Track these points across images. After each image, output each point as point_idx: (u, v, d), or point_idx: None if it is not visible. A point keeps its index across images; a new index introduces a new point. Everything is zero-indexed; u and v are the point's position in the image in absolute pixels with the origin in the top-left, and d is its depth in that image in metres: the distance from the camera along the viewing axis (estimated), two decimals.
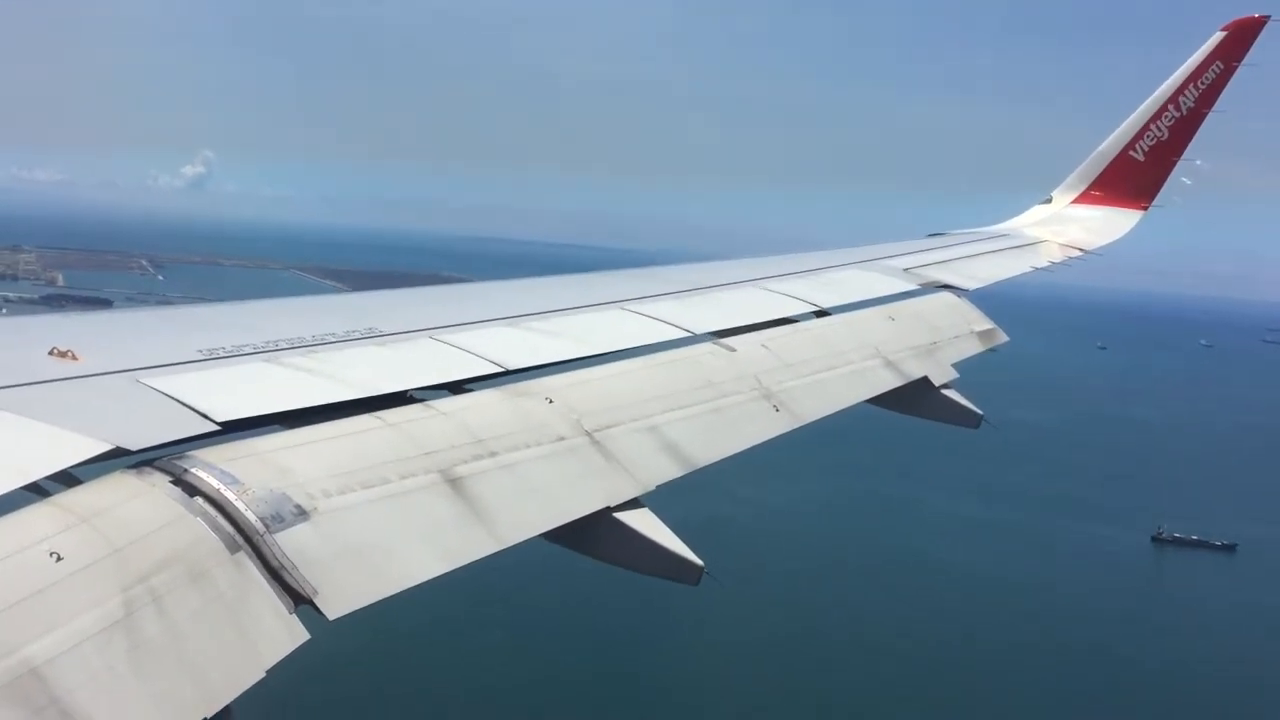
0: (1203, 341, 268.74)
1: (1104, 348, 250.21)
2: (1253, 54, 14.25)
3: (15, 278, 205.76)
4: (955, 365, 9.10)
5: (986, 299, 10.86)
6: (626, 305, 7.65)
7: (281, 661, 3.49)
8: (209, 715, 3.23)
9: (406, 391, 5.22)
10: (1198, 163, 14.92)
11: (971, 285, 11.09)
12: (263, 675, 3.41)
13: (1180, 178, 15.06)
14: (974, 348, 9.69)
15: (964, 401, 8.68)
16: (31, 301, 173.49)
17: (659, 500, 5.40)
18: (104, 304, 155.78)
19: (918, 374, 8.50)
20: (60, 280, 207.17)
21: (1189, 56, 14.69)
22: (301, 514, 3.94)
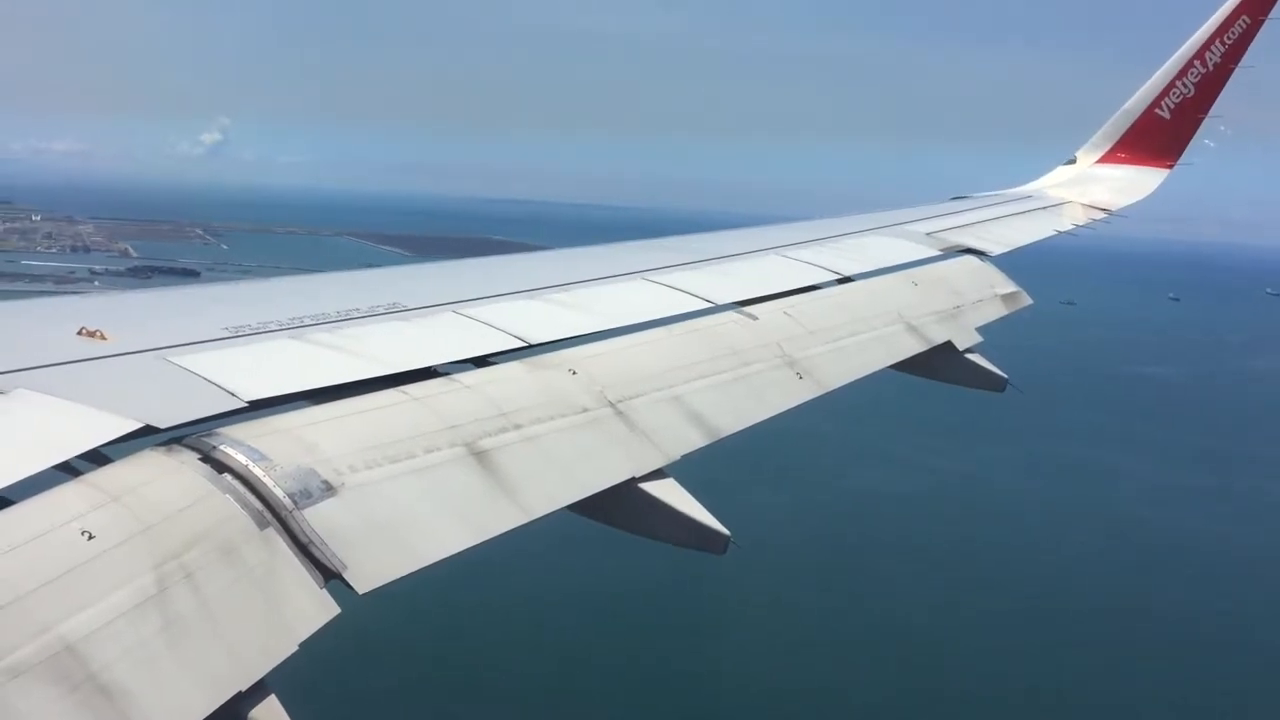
0: (1269, 290, 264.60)
1: (1177, 299, 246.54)
2: (1279, 8, 14.01)
3: (87, 249, 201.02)
4: (979, 329, 9.06)
5: (1013, 260, 10.78)
6: (648, 276, 7.64)
7: (313, 635, 3.53)
8: (244, 689, 3.27)
9: (431, 366, 5.24)
10: (1221, 129, 14.73)
11: (995, 249, 11.02)
12: (295, 649, 3.45)
13: (1204, 140, 14.87)
14: (998, 311, 9.65)
15: (988, 365, 8.66)
16: (119, 274, 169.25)
17: (688, 470, 5.41)
18: (191, 274, 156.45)
19: (941, 339, 8.47)
20: (131, 252, 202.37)
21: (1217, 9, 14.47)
22: (329, 489, 3.97)
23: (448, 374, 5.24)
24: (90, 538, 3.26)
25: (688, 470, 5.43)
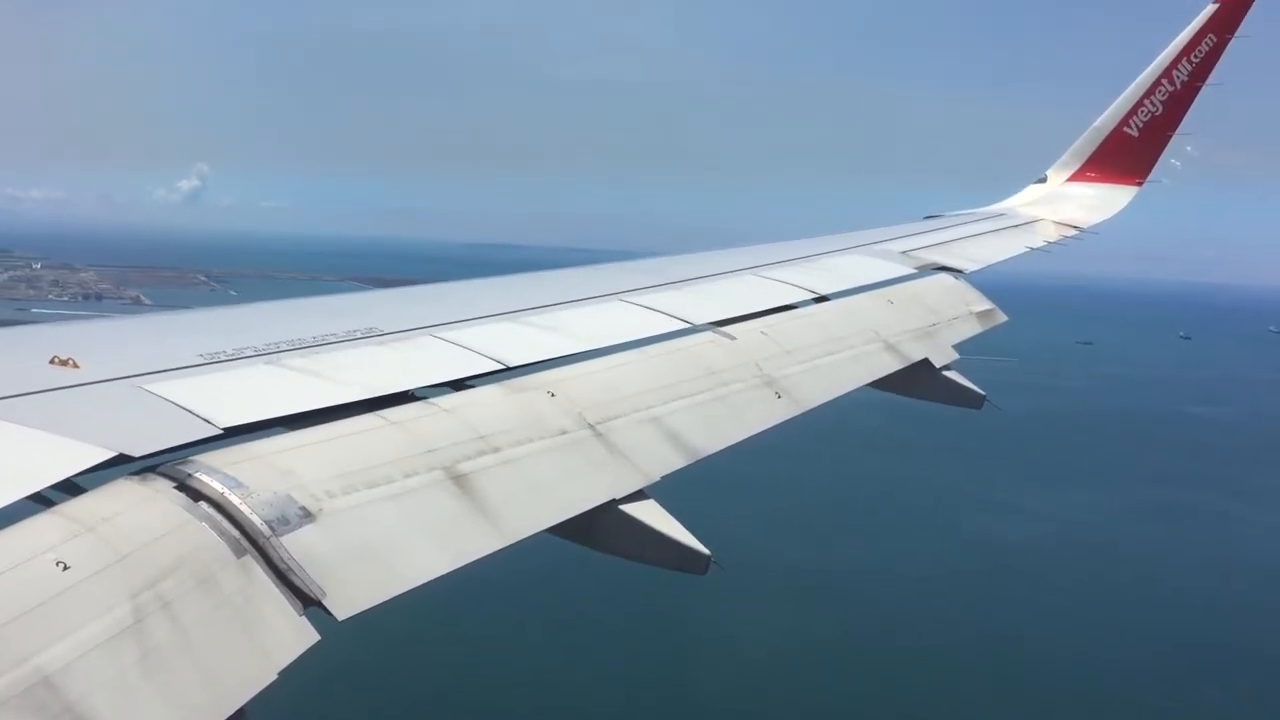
0: (1271, 328, 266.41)
1: (1187, 337, 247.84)
2: (1245, 26, 14.22)
3: (99, 297, 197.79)
4: (955, 346, 9.11)
5: (1009, 291, 10.82)
6: (625, 297, 7.65)
7: (293, 663, 3.49)
8: (223, 718, 3.24)
9: (409, 390, 5.22)
10: (1188, 149, 14.91)
11: (969, 267, 11.10)
12: (275, 677, 3.42)
13: (1170, 159, 15.05)
14: (973, 329, 9.71)
15: (965, 382, 8.70)
16: None
17: (667, 491, 5.41)
18: None
19: (918, 356, 8.51)
20: (144, 299, 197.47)
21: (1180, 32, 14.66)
22: (307, 516, 3.94)
23: (425, 398, 5.22)
24: (65, 568, 3.22)
25: (668, 490, 5.43)
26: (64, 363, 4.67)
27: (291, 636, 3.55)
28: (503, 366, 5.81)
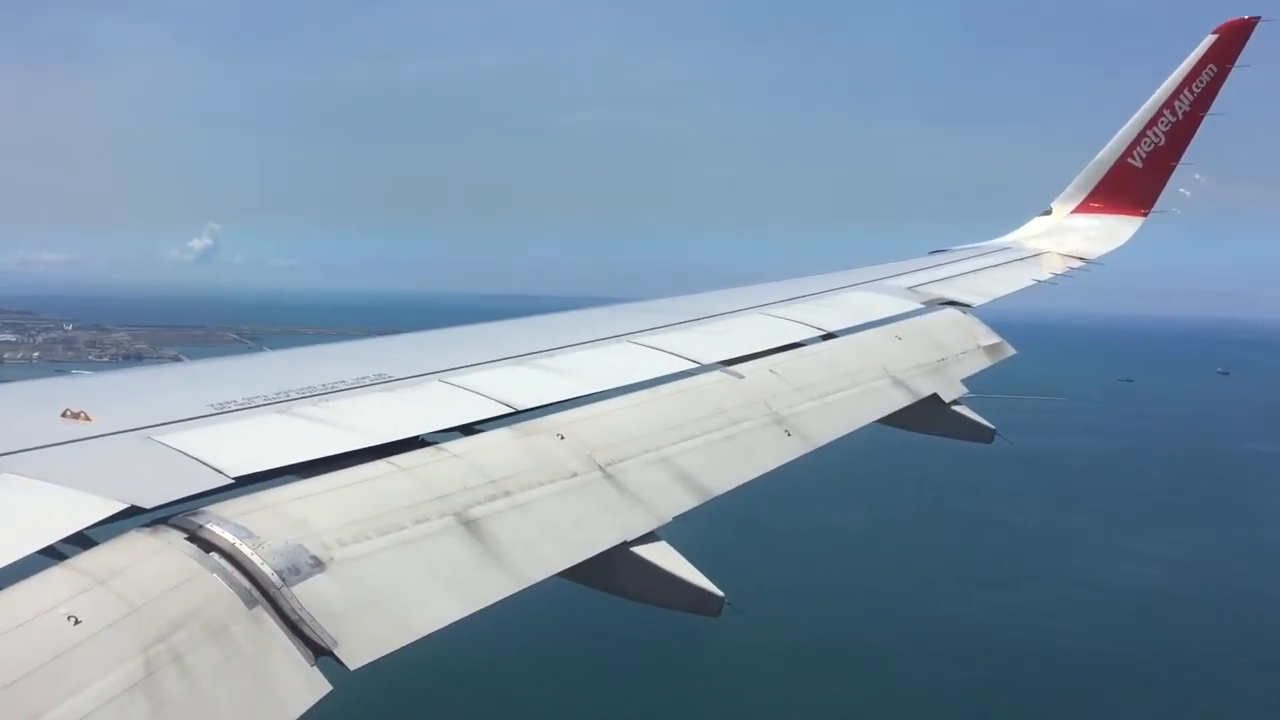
0: None
1: (1226, 373, 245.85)
2: (1245, 56, 14.28)
3: (139, 357, 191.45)
4: (964, 381, 9.09)
5: (1027, 329, 10.73)
6: (633, 338, 7.66)
7: (305, 715, 3.47)
8: None
9: (419, 436, 5.22)
10: (1196, 176, 14.93)
11: (976, 301, 11.09)
12: None
13: (1179, 189, 15.06)
14: (981, 363, 9.69)
15: (975, 417, 8.67)
16: None
17: (679, 531, 5.39)
18: None
19: (927, 391, 8.49)
20: (184, 359, 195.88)
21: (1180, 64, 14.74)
22: (318, 565, 3.93)
23: (435, 443, 5.21)
24: (76, 622, 3.21)
25: (681, 531, 5.41)
26: (75, 415, 4.69)
27: (303, 687, 3.53)
28: (512, 410, 5.81)
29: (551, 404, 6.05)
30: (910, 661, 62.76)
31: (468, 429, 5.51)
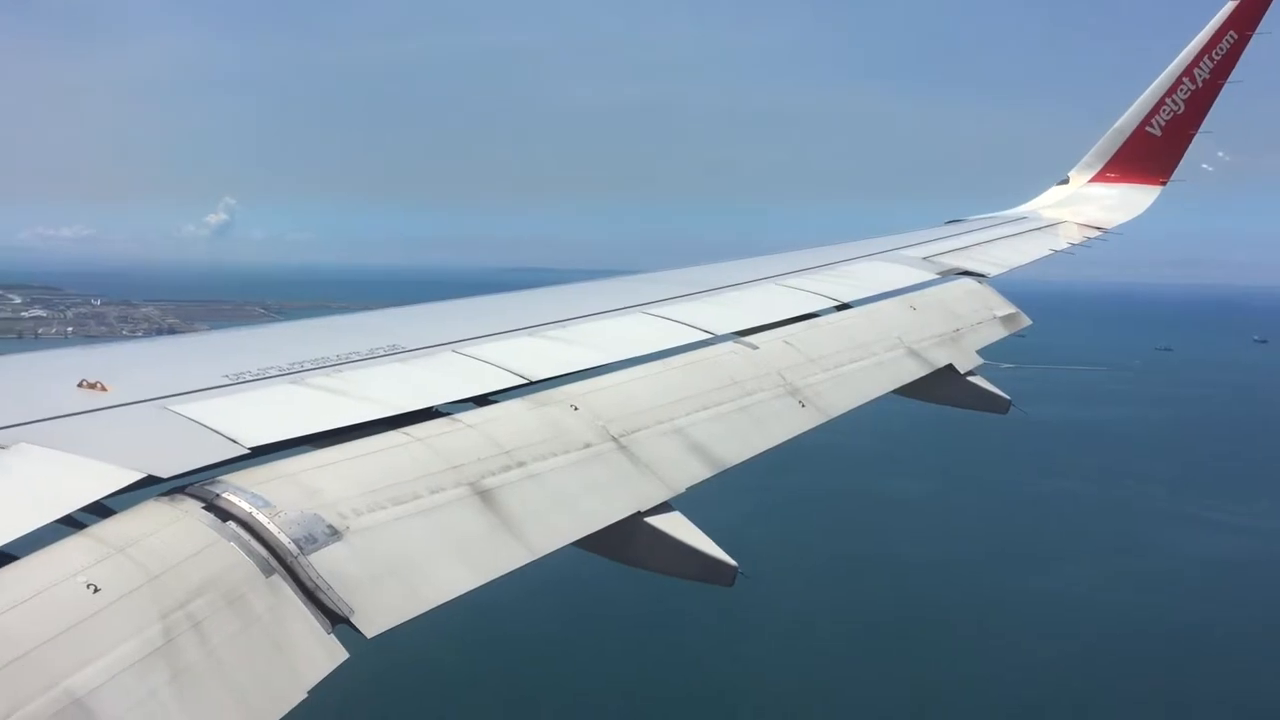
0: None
1: (1264, 340, 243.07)
2: (1265, 23, 14.12)
3: (172, 331, 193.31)
4: (984, 350, 9.06)
5: (1052, 298, 10.67)
6: (646, 309, 7.65)
7: (322, 681, 3.50)
8: None
9: (432, 407, 5.23)
10: (1220, 154, 14.79)
11: (992, 271, 11.04)
12: (305, 696, 3.43)
13: (1200, 163, 14.92)
14: (997, 333, 9.65)
15: (990, 387, 8.64)
16: None
17: (692, 502, 5.40)
18: None
19: (942, 362, 8.47)
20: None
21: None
22: (334, 534, 3.96)
23: (449, 414, 5.23)
24: (96, 590, 3.24)
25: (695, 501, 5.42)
26: (92, 386, 4.72)
27: (321, 654, 3.56)
28: (525, 380, 5.82)
29: (565, 374, 6.05)
30: (999, 635, 62.34)
31: (481, 399, 5.52)
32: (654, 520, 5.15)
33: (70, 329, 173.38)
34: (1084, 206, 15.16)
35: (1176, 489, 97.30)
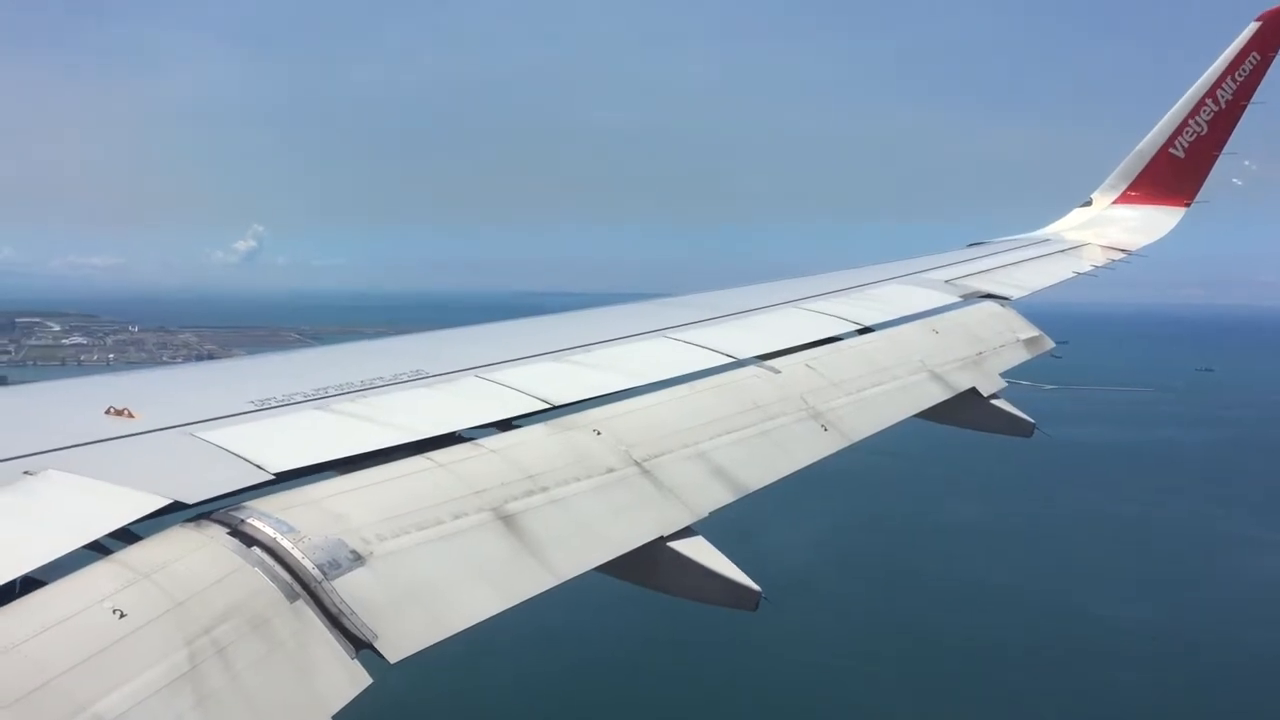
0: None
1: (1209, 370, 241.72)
2: None
3: (211, 357, 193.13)
4: (1003, 374, 9.01)
5: (1080, 320, 10.58)
6: (668, 333, 7.65)
7: (346, 706, 3.51)
8: None
9: (456, 432, 5.25)
10: (1246, 163, 14.69)
11: (1015, 294, 10.99)
12: None
13: (1232, 179, 14.82)
14: (1020, 356, 9.59)
15: (1014, 411, 8.59)
16: None
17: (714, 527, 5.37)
18: None
19: (965, 385, 8.42)
20: None
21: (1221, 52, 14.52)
22: (358, 559, 3.97)
23: (472, 439, 5.24)
24: (122, 616, 3.26)
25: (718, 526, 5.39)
26: (120, 413, 4.76)
27: (344, 680, 3.56)
28: (548, 406, 5.83)
29: (588, 399, 6.06)
30: (1083, 664, 60.97)
31: (504, 424, 5.53)
32: (677, 545, 5.14)
33: (112, 355, 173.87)
34: (1108, 228, 15.08)
35: (1233, 510, 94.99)
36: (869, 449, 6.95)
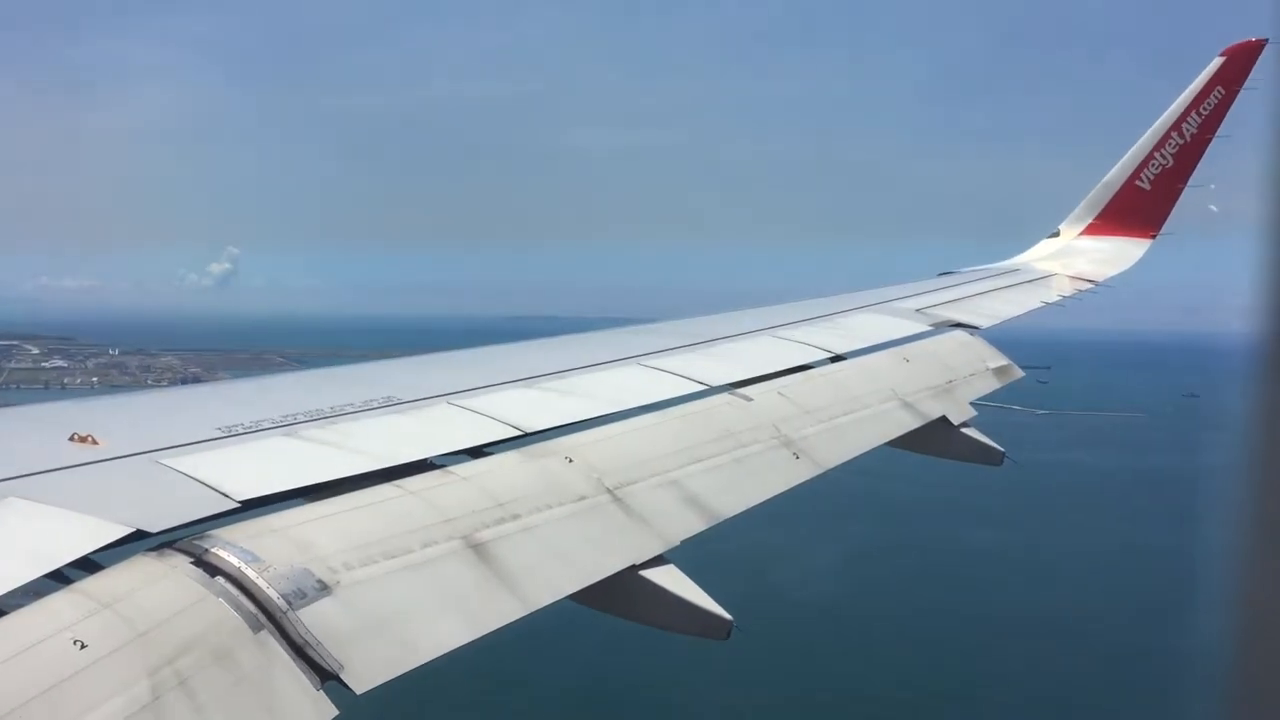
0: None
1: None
2: (1253, 78, 14.30)
3: (197, 380, 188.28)
4: (983, 402, 9.07)
5: (1055, 347, 10.70)
6: (641, 360, 7.65)
7: None
8: None
9: (426, 459, 5.21)
10: (1211, 186, 14.90)
11: (984, 323, 11.08)
12: None
13: (1208, 205, 15.04)
14: (990, 385, 9.66)
15: (984, 439, 8.64)
16: None
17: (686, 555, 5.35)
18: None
19: (936, 414, 8.46)
20: None
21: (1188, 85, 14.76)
22: (324, 589, 3.91)
23: (443, 466, 5.20)
24: (83, 647, 3.20)
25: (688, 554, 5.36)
26: (83, 439, 4.69)
27: (309, 711, 3.51)
28: (520, 433, 5.80)
29: (560, 426, 6.03)
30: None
31: (476, 451, 5.50)
32: (649, 573, 5.11)
33: (95, 379, 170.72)
34: (1075, 259, 15.26)
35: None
36: (879, 472, 6.94)
